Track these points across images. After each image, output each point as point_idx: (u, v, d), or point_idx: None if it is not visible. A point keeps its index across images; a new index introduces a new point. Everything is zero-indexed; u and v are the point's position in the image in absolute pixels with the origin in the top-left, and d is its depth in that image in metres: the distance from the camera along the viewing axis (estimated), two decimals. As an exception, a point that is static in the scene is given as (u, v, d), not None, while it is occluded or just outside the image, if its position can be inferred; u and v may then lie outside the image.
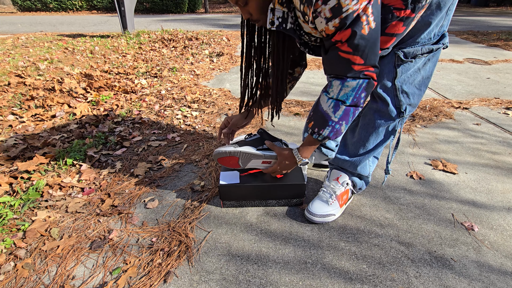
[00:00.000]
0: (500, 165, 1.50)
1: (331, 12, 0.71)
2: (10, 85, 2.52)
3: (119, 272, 0.94)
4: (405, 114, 1.00)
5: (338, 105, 0.86)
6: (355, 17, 0.71)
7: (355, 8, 0.69)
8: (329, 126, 0.90)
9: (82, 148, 1.63)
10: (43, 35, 5.33)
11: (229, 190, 1.15)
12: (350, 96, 0.84)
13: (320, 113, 0.90)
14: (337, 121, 0.88)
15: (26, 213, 1.18)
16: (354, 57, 0.77)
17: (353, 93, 0.83)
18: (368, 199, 1.26)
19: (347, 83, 0.82)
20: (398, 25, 0.81)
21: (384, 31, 0.83)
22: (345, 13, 0.70)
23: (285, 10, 0.82)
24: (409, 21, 0.81)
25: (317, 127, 0.92)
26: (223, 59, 3.67)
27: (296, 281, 0.91)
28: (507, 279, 0.91)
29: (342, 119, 0.88)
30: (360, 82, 0.82)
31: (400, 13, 0.79)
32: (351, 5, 0.69)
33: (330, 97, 0.87)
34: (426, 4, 0.79)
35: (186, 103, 2.26)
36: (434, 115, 2.06)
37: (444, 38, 0.91)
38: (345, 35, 0.74)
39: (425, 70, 0.95)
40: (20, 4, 10.06)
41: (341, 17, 0.71)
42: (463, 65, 3.39)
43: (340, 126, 0.89)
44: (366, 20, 0.72)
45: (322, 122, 0.90)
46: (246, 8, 0.86)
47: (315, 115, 0.93)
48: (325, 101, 0.88)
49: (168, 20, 8.11)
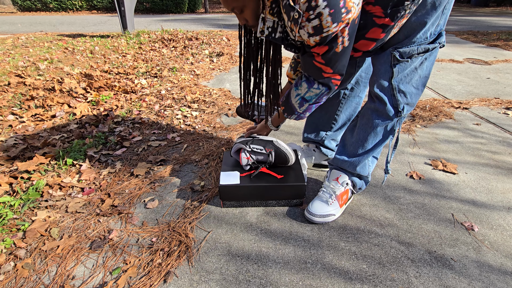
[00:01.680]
0: (500, 165, 1.50)
1: (313, 30, 0.79)
2: (10, 85, 2.52)
3: (119, 272, 0.94)
4: (403, 113, 1.00)
5: (303, 103, 1.03)
6: (333, 37, 0.81)
7: (334, 30, 0.78)
8: (295, 114, 1.08)
9: (82, 148, 1.63)
10: (43, 35, 5.33)
11: (229, 190, 1.15)
12: (313, 98, 1.00)
13: (289, 104, 1.07)
14: (302, 112, 1.07)
15: (26, 213, 1.18)
16: (325, 67, 0.90)
17: (316, 97, 0.99)
18: (368, 199, 1.26)
19: (312, 89, 0.97)
20: (377, 31, 0.86)
21: (365, 35, 0.88)
22: (325, 33, 0.79)
23: (275, 19, 0.88)
24: (388, 28, 0.85)
25: (286, 112, 1.10)
26: (223, 59, 3.67)
27: (296, 281, 0.91)
28: (507, 279, 0.91)
29: (306, 111, 1.06)
30: (323, 90, 0.97)
31: (380, 21, 0.84)
32: (331, 27, 0.77)
33: (298, 94, 1.02)
34: (406, 15, 0.82)
35: (186, 103, 2.26)
36: (434, 115, 2.06)
37: (441, 37, 0.91)
38: (322, 50, 0.85)
39: (422, 69, 0.95)
40: (20, 4, 10.06)
41: (322, 36, 0.80)
42: (463, 65, 3.40)
43: (304, 114, 1.08)
44: (342, 40, 0.82)
45: (290, 111, 1.09)
46: (242, 15, 0.90)
47: (285, 103, 1.09)
48: (294, 96, 1.04)
49: (168, 20, 8.11)
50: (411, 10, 0.81)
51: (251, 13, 0.87)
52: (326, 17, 0.74)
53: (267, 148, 1.21)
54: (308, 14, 0.75)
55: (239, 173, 1.21)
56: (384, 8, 0.81)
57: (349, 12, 0.75)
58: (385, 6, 0.80)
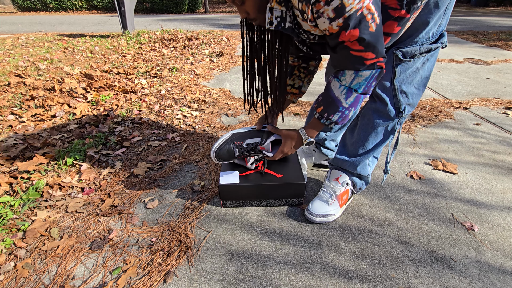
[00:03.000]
0: (500, 165, 1.50)
1: (334, 12, 0.72)
2: (10, 85, 2.52)
3: (119, 272, 0.94)
4: (404, 114, 1.00)
5: (351, 92, 0.88)
6: (359, 16, 0.72)
7: (358, 7, 0.70)
8: (339, 112, 0.92)
9: (82, 148, 1.63)
10: (43, 35, 5.33)
11: (229, 190, 1.15)
12: (363, 85, 0.86)
13: (332, 98, 0.91)
14: (347, 107, 0.91)
15: (26, 213, 1.18)
16: (366, 53, 0.79)
17: (366, 82, 0.85)
18: (368, 199, 1.26)
19: (361, 73, 0.84)
20: (393, 25, 0.82)
21: None
22: (349, 12, 0.71)
23: (283, 9, 0.82)
24: (404, 21, 0.81)
25: (327, 112, 0.94)
26: (223, 59, 3.67)
27: (296, 281, 0.91)
28: (507, 279, 0.91)
29: (352, 105, 0.90)
30: (373, 72, 0.83)
31: (395, 13, 0.79)
32: (354, 4, 0.70)
33: (342, 85, 0.88)
34: (422, 5, 0.80)
35: (186, 103, 2.26)
36: (434, 115, 2.06)
37: (443, 37, 0.91)
38: (353, 35, 0.75)
39: (424, 69, 0.95)
40: (20, 4, 10.05)
41: (345, 17, 0.72)
42: (463, 65, 3.39)
43: (349, 112, 0.92)
44: (372, 17, 0.73)
45: (333, 108, 0.92)
46: (243, 7, 0.86)
47: (325, 100, 0.94)
48: (337, 87, 0.89)
49: (168, 20, 8.11)
50: (426, 1, 0.79)
51: (253, 3, 0.84)
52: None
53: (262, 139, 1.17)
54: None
55: (238, 172, 1.21)
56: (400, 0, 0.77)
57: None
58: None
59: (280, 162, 1.27)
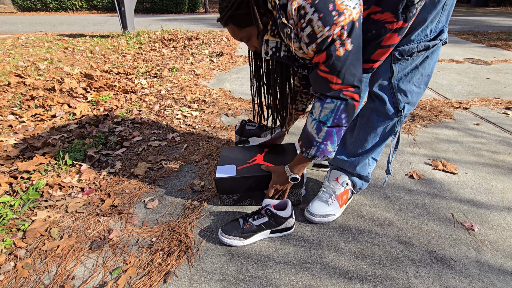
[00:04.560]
0: (500, 165, 1.50)
1: (308, 38, 0.79)
2: (10, 85, 2.52)
3: (119, 272, 0.94)
4: (403, 112, 0.99)
5: (320, 127, 0.91)
6: (329, 41, 0.78)
7: (328, 34, 0.77)
8: (315, 146, 0.95)
9: (82, 148, 1.63)
10: (43, 35, 5.33)
11: (225, 182, 1.14)
12: (330, 117, 0.89)
13: (306, 134, 0.97)
14: (321, 142, 0.93)
15: (26, 213, 1.18)
16: (331, 76, 0.84)
17: (332, 114, 0.88)
18: (368, 199, 1.26)
19: (326, 104, 0.88)
20: (393, 36, 0.84)
21: (380, 44, 0.86)
22: (320, 38, 0.78)
23: (278, 40, 0.93)
24: (403, 30, 0.84)
25: (304, 146, 0.98)
26: (223, 59, 3.67)
27: (296, 281, 0.91)
28: (507, 279, 0.91)
29: (326, 139, 0.92)
30: (337, 103, 0.86)
31: (392, 26, 0.82)
32: (324, 31, 0.76)
33: (313, 118, 0.93)
34: (417, 11, 0.81)
35: (186, 103, 2.26)
36: (434, 115, 2.06)
37: (442, 33, 0.89)
38: (322, 57, 0.82)
39: (424, 67, 0.94)
40: (20, 4, 10.05)
41: (317, 42, 0.79)
42: (463, 65, 3.39)
43: (325, 146, 0.93)
44: (341, 43, 0.78)
45: (308, 143, 0.96)
46: (250, 43, 1.00)
47: (302, 135, 0.99)
48: (310, 122, 0.95)
49: (168, 20, 8.11)
50: (421, 6, 0.80)
51: (257, 40, 0.96)
52: (317, 22, 0.75)
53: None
54: (300, 24, 0.78)
55: (235, 166, 1.21)
56: (395, 12, 0.79)
57: (341, 14, 0.75)
58: (395, 10, 0.79)
59: (277, 155, 1.27)
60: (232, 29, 0.96)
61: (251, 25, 0.93)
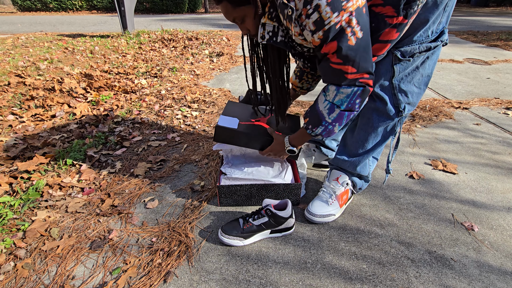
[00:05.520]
0: (500, 165, 1.50)
1: (314, 25, 0.75)
2: (10, 85, 2.52)
3: (119, 272, 0.94)
4: (404, 113, 0.99)
5: (334, 109, 0.89)
6: (338, 29, 0.74)
7: (337, 21, 0.73)
8: (322, 126, 0.93)
9: (82, 148, 1.63)
10: (43, 35, 5.33)
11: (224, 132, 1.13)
12: (345, 102, 0.87)
13: (316, 112, 0.94)
14: (330, 122, 0.92)
15: (26, 213, 1.18)
16: (345, 67, 0.81)
17: (348, 99, 0.86)
18: (368, 199, 1.26)
19: (342, 89, 0.85)
20: (391, 32, 0.83)
21: (378, 38, 0.85)
22: (327, 25, 0.74)
23: (275, 24, 0.86)
24: (402, 27, 0.82)
25: (311, 124, 0.96)
26: (223, 59, 3.67)
27: (296, 281, 0.91)
28: (507, 279, 0.91)
29: (336, 121, 0.92)
30: (354, 89, 0.84)
31: (392, 21, 0.80)
32: (332, 17, 0.72)
33: (326, 99, 0.90)
34: (419, 9, 0.80)
35: (186, 103, 2.26)
36: (434, 115, 2.06)
37: (443, 35, 0.90)
38: (332, 47, 0.78)
39: (424, 68, 0.95)
40: (20, 4, 10.05)
41: (324, 30, 0.75)
42: (463, 65, 3.40)
43: (333, 127, 0.93)
44: (351, 31, 0.75)
45: (317, 121, 0.94)
46: (244, 25, 0.91)
47: (311, 113, 0.96)
48: (322, 101, 0.91)
49: (168, 20, 8.11)
50: (422, 4, 0.79)
51: (252, 22, 0.88)
52: (325, 7, 0.71)
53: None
54: (306, 10, 0.73)
55: (238, 120, 1.19)
56: (396, 7, 0.78)
57: (349, 0, 0.72)
58: (397, 4, 0.77)
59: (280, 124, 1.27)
60: (225, 8, 0.86)
61: (247, 4, 0.84)
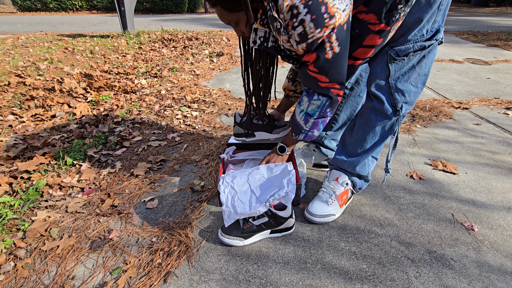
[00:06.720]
0: (500, 165, 1.50)
1: (299, 37, 0.81)
2: (10, 85, 2.52)
3: (119, 272, 0.94)
4: (402, 112, 0.99)
5: (307, 119, 1.00)
6: (319, 43, 0.81)
7: (319, 36, 0.79)
8: (303, 133, 1.05)
9: (82, 148, 1.63)
10: (43, 35, 5.33)
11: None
12: (317, 111, 0.98)
13: (295, 122, 1.06)
14: (309, 130, 1.03)
15: (26, 213, 1.18)
16: (319, 76, 0.89)
17: (319, 109, 0.97)
18: (368, 199, 1.26)
19: (313, 101, 0.96)
20: (374, 37, 0.86)
21: (362, 43, 0.88)
22: (310, 39, 0.80)
23: (267, 30, 0.91)
24: (385, 33, 0.85)
25: (294, 132, 1.08)
26: (223, 59, 3.67)
27: (296, 281, 0.91)
28: (507, 279, 0.91)
29: (313, 128, 1.03)
30: (323, 101, 0.95)
31: (375, 28, 0.84)
32: (315, 33, 0.78)
33: (301, 110, 1.01)
34: (402, 17, 0.82)
35: (186, 103, 2.26)
36: (434, 115, 2.06)
37: (438, 33, 0.90)
38: (311, 57, 0.85)
39: (421, 67, 0.95)
40: (20, 4, 10.05)
41: (307, 43, 0.81)
42: (463, 65, 3.40)
43: (312, 133, 1.04)
44: (330, 46, 0.82)
45: (297, 130, 1.06)
46: (238, 28, 0.96)
47: (292, 122, 1.08)
48: (298, 113, 1.03)
49: (168, 20, 8.11)
50: (405, 13, 0.82)
51: (246, 25, 0.93)
52: (309, 23, 0.76)
53: None
54: (292, 22, 0.78)
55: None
56: (378, 15, 0.81)
57: (332, 17, 0.76)
58: (379, 12, 0.81)
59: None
60: (220, 11, 0.90)
61: (240, 10, 0.88)
